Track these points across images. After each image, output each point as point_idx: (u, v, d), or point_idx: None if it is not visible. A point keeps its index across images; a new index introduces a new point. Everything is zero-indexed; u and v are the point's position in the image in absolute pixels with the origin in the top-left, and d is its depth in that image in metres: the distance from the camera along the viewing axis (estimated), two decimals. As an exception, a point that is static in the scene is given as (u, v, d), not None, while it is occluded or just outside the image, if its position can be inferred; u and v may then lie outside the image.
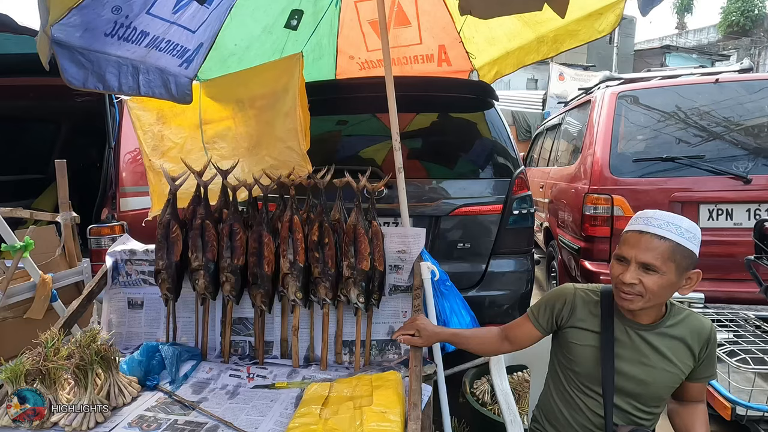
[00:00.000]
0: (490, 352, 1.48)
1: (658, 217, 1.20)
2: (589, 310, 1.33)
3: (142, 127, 2.53)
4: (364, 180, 1.69)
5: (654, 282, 1.16)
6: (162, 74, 2.01)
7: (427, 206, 2.50)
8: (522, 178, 2.54)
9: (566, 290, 1.38)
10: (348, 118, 2.91)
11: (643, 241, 1.18)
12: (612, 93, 3.19)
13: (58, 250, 1.85)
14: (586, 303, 1.34)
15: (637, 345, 1.25)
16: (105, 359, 1.39)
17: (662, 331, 1.25)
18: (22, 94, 2.89)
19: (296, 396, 1.46)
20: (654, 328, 1.25)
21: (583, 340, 1.31)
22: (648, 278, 1.17)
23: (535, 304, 1.42)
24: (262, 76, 2.28)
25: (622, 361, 1.25)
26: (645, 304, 1.20)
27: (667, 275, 1.16)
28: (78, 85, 1.53)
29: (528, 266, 2.57)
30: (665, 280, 1.16)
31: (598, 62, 15.53)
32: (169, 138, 2.53)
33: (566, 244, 3.46)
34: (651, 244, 1.17)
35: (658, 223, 1.18)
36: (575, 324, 1.34)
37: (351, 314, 1.72)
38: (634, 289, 1.18)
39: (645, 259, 1.16)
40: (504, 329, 1.46)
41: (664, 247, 1.15)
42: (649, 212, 1.23)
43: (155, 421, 1.33)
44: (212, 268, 1.69)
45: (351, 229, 1.62)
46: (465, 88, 2.70)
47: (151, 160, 2.53)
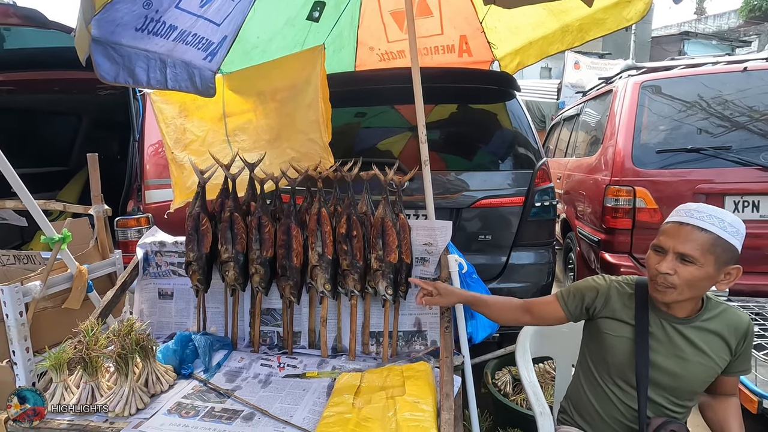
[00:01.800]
0: (508, 320, 1.48)
1: (701, 210, 1.19)
2: (623, 302, 1.33)
3: (164, 120, 2.55)
4: (391, 173, 1.70)
5: (690, 273, 1.16)
6: (188, 68, 2.03)
7: (447, 198, 2.49)
8: (544, 170, 2.52)
9: (600, 281, 1.38)
10: (366, 110, 2.91)
11: (683, 232, 1.17)
12: (635, 82, 3.14)
13: (92, 242, 1.90)
14: (621, 295, 1.34)
15: (672, 338, 1.25)
16: (143, 348, 1.43)
17: (698, 325, 1.24)
18: (48, 87, 2.93)
19: (327, 385, 1.49)
20: (690, 321, 1.24)
21: (617, 331, 1.31)
22: (684, 269, 1.16)
23: (566, 288, 1.42)
24: (284, 69, 2.29)
25: (656, 354, 1.25)
26: (679, 296, 1.19)
27: (705, 268, 1.15)
28: (110, 80, 1.56)
29: (549, 258, 2.56)
30: (702, 272, 1.15)
31: (614, 50, 15.19)
32: (191, 131, 2.55)
33: (585, 236, 3.43)
34: (691, 235, 1.16)
35: (701, 216, 1.17)
36: (609, 315, 1.33)
37: (378, 305, 1.74)
38: (669, 279, 1.18)
39: (683, 250, 1.16)
40: (527, 302, 1.45)
41: (704, 239, 1.15)
42: (693, 205, 1.22)
43: (193, 408, 1.37)
44: (242, 259, 1.72)
45: (379, 221, 1.64)
46: (486, 79, 2.68)
47: (173, 152, 2.56)
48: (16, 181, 1.48)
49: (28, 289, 1.50)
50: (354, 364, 1.62)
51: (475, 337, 1.69)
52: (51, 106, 3.70)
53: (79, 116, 4.05)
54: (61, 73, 2.70)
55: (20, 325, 1.47)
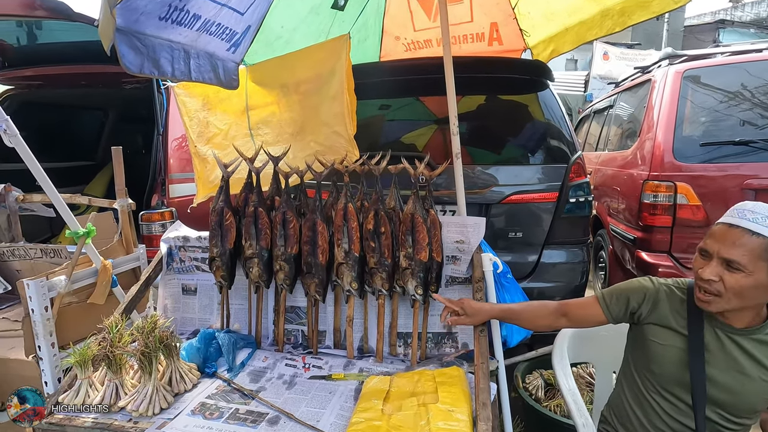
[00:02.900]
0: (542, 326, 1.39)
1: (756, 210, 1.06)
2: (674, 308, 1.21)
3: (188, 113, 2.53)
4: (421, 166, 1.61)
5: (737, 282, 1.04)
6: (211, 59, 1.98)
7: (475, 194, 2.39)
8: (579, 164, 2.39)
9: (647, 284, 1.27)
10: (390, 101, 2.83)
11: (730, 235, 1.05)
12: (676, 71, 2.95)
13: (116, 237, 1.88)
14: (671, 300, 1.22)
15: (729, 351, 1.13)
16: (167, 346, 1.39)
17: (759, 338, 1.12)
18: (74, 82, 2.95)
19: (354, 389, 1.42)
20: (750, 333, 1.12)
21: (666, 339, 1.20)
22: (730, 277, 1.04)
23: (608, 289, 1.31)
24: (308, 59, 2.23)
25: (712, 368, 1.14)
26: (726, 305, 1.07)
27: (755, 275, 1.02)
28: (135, 71, 1.52)
29: (583, 257, 2.44)
30: (752, 280, 1.03)
31: (644, 40, 14.59)
32: (213, 124, 2.53)
33: (619, 234, 3.28)
34: (740, 239, 1.04)
35: (754, 217, 1.04)
36: (656, 321, 1.22)
37: (406, 305, 1.66)
38: (712, 286, 1.06)
39: (729, 255, 1.04)
40: (563, 305, 1.35)
41: (755, 243, 1.02)
42: (749, 204, 1.09)
43: (217, 409, 1.33)
44: (266, 256, 1.67)
45: (408, 217, 1.55)
46: (518, 68, 2.55)
47: (196, 146, 2.54)
48: (41, 175, 1.46)
49: (53, 284, 1.49)
50: (381, 367, 1.55)
51: (509, 341, 1.60)
52: (78, 100, 3.74)
53: (105, 111, 4.09)
54: (87, 67, 2.71)
55: (46, 320, 1.45)
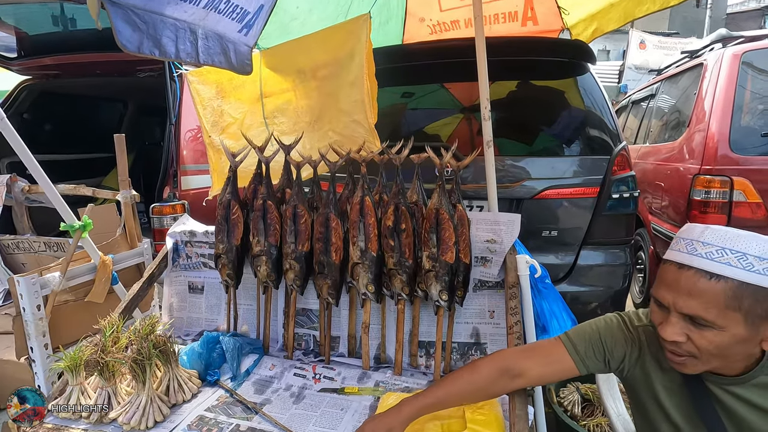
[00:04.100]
0: (486, 396, 1.06)
1: (709, 241, 0.79)
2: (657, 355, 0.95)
3: (201, 102, 2.43)
4: (448, 156, 1.42)
5: (709, 342, 0.79)
6: (221, 40, 1.84)
7: (506, 188, 2.19)
8: (624, 156, 2.15)
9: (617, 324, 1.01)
10: (413, 89, 2.64)
11: (684, 281, 0.80)
12: (732, 54, 2.65)
13: (119, 230, 1.78)
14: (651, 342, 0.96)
15: (728, 406, 0.88)
16: (163, 352, 1.26)
17: (758, 382, 0.86)
18: (90, 70, 2.89)
19: (369, 405, 1.26)
20: (746, 380, 0.86)
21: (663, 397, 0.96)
22: (700, 336, 0.80)
23: (572, 330, 1.05)
24: (326, 42, 2.07)
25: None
26: (705, 366, 0.84)
27: (729, 330, 0.77)
28: (133, 50, 1.38)
29: (626, 259, 2.20)
30: (728, 337, 0.78)
31: (682, 29, 13.82)
32: (228, 113, 2.42)
33: (663, 234, 3.00)
34: (696, 286, 0.78)
35: (708, 251, 0.78)
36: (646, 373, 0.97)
37: (428, 311, 1.49)
38: (681, 348, 0.82)
39: (689, 310, 0.79)
40: (504, 359, 1.02)
41: (716, 290, 0.77)
42: (697, 229, 0.83)
43: (216, 424, 1.19)
44: (275, 253, 1.52)
45: (432, 213, 1.37)
46: (555, 50, 2.32)
47: (210, 136, 2.43)
48: (32, 163, 1.36)
49: (46, 281, 1.38)
50: (400, 380, 1.38)
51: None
52: (96, 91, 3.71)
53: (125, 102, 4.06)
54: (101, 56, 2.64)
55: (38, 319, 1.35)
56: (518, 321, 1.26)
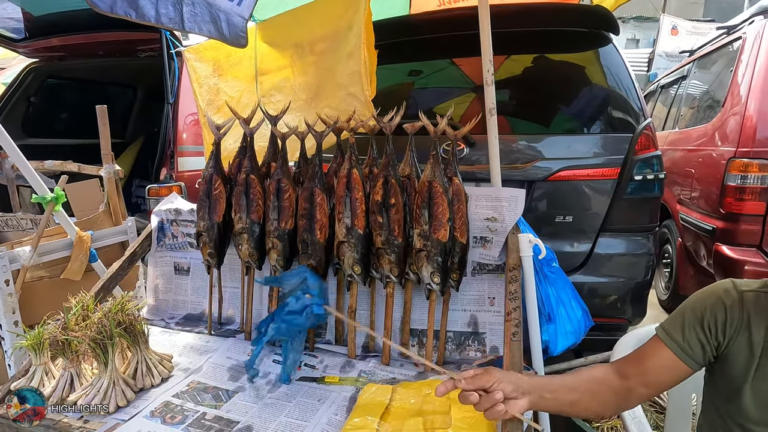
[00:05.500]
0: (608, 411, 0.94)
1: None
2: None
3: (198, 80, 2.35)
4: (443, 123, 1.28)
5: None
6: (210, 8, 1.73)
7: (517, 169, 2.02)
8: (648, 135, 1.95)
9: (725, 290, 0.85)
10: (421, 66, 2.49)
11: None
12: (776, 25, 2.40)
13: (102, 206, 1.71)
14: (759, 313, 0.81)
15: None
16: (130, 332, 1.17)
17: None
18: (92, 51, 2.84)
19: (349, 397, 1.14)
20: None
21: None
22: None
23: (668, 320, 0.90)
24: (324, 13, 1.95)
25: None
26: None
27: None
28: (105, 10, 1.28)
29: (650, 248, 2.00)
30: None
31: (718, 16, 13.08)
32: (224, 91, 2.33)
33: (692, 224, 2.77)
34: None
35: None
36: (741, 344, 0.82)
37: (420, 297, 1.35)
38: None
39: None
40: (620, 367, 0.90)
41: None
42: None
43: (181, 411, 1.10)
44: (257, 231, 1.41)
45: (425, 186, 1.23)
46: (572, 18, 2.13)
47: (206, 115, 2.35)
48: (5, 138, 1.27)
49: (15, 255, 1.32)
50: (386, 371, 1.25)
51: (552, 348, 1.25)
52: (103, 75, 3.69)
53: (134, 88, 4.04)
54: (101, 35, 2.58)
55: (7, 295, 1.28)
56: (517, 307, 1.11)
